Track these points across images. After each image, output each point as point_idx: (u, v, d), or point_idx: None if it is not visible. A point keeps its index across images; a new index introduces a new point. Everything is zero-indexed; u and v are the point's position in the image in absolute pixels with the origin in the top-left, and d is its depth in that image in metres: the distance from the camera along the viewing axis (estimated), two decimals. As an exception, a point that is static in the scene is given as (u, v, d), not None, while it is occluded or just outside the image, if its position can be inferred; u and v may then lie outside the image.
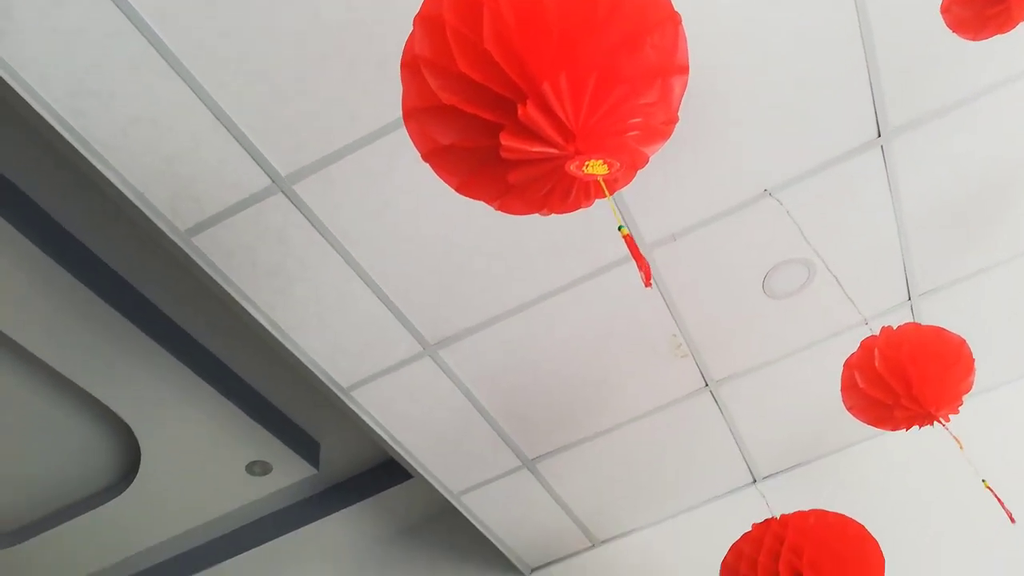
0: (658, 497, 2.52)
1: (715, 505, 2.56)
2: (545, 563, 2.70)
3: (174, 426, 2.50)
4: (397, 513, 2.95)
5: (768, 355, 2.17)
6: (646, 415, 2.26)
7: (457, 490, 2.36)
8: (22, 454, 2.63)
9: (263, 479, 2.75)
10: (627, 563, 2.59)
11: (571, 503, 2.48)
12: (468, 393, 2.10)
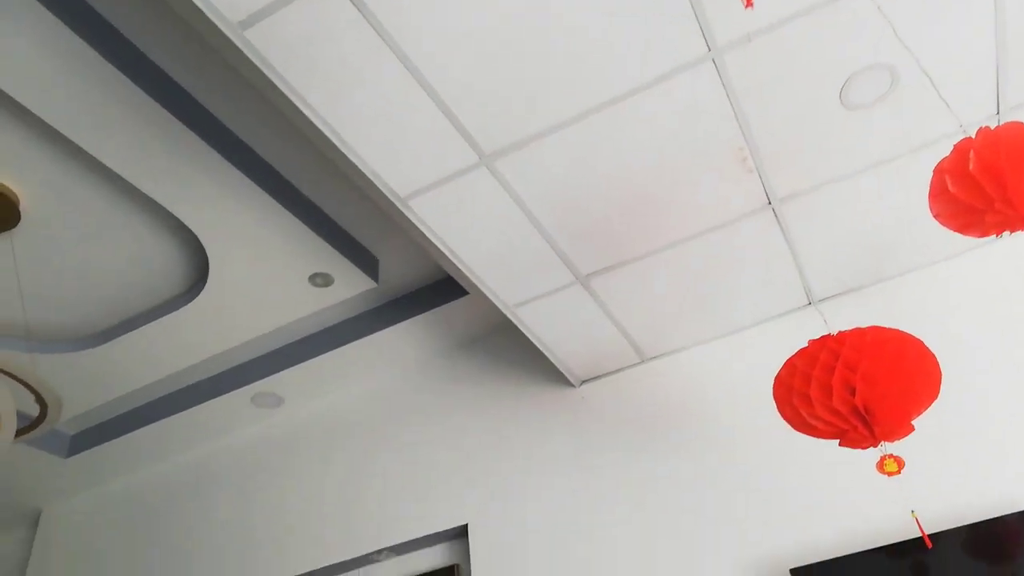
0: (710, 316, 2.55)
1: (768, 326, 2.58)
2: (595, 376, 2.80)
3: (240, 237, 2.58)
4: (454, 327, 3.06)
5: (837, 171, 2.08)
6: (704, 233, 2.23)
7: (512, 303, 2.42)
8: (102, 264, 2.77)
9: (325, 291, 2.86)
10: (675, 380, 2.67)
11: (622, 319, 2.52)
12: (524, 206, 2.09)
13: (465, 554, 2.77)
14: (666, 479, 2.50)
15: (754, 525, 2.30)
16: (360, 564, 2.95)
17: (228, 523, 3.26)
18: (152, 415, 3.38)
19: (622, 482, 2.56)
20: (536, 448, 2.78)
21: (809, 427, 1.79)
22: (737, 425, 2.48)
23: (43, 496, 3.78)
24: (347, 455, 3.16)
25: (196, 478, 3.49)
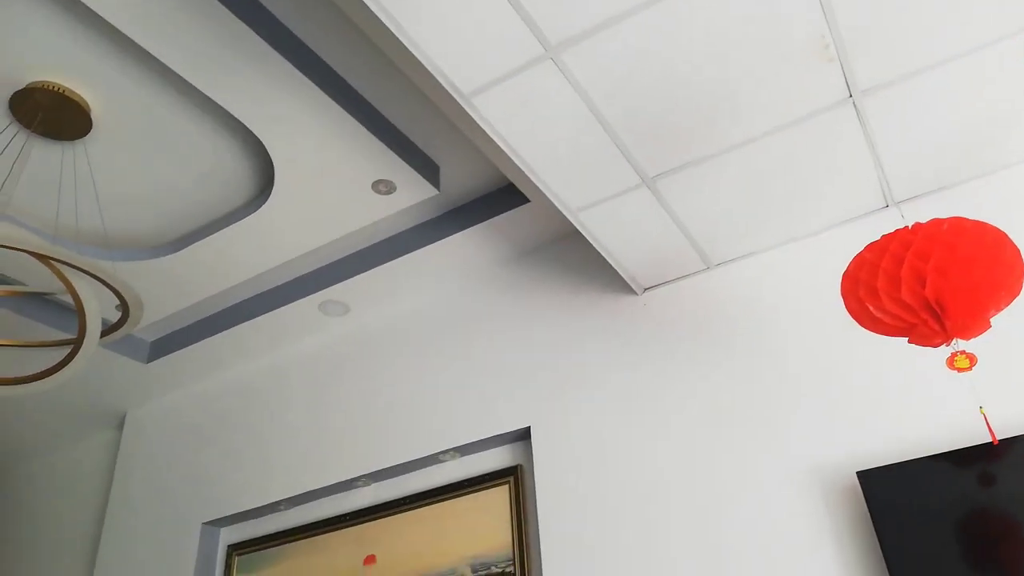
0: (780, 219, 2.47)
1: (843, 229, 2.48)
2: (658, 283, 2.77)
3: (305, 143, 2.60)
4: (515, 235, 3.05)
5: (927, 60, 1.94)
6: (778, 130, 2.13)
7: (575, 207, 2.38)
8: (171, 173, 2.83)
9: (388, 198, 2.87)
10: (741, 286, 2.62)
11: (689, 223, 2.47)
12: (590, 102, 2.02)
13: (528, 455, 2.84)
14: (729, 386, 2.49)
15: (820, 430, 2.28)
16: (426, 464, 3.05)
17: (300, 425, 3.41)
18: (225, 323, 3.51)
19: (684, 389, 2.56)
20: (598, 355, 2.79)
21: (876, 323, 1.74)
22: (804, 332, 2.43)
23: (127, 400, 4.00)
24: (412, 360, 3.24)
25: (268, 383, 3.64)
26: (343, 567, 3.08)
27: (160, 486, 3.72)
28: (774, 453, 2.32)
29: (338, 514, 3.19)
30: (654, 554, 2.37)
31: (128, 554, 3.61)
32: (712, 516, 2.33)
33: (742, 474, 2.35)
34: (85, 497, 4.15)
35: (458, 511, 2.91)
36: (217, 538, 3.49)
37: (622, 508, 2.49)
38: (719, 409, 2.47)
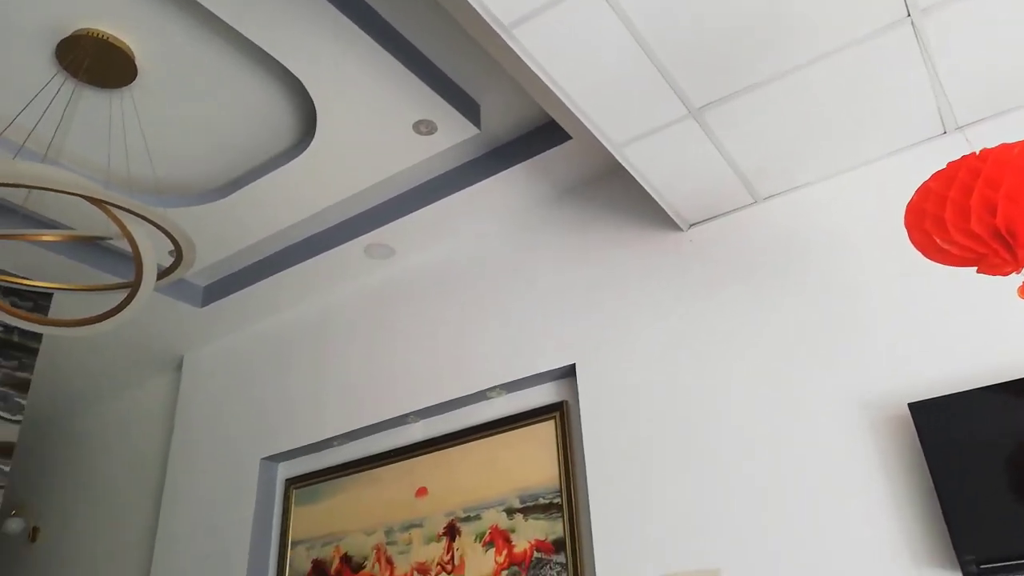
0: (832, 148, 2.39)
1: (897, 158, 2.40)
2: (704, 219, 2.73)
3: (345, 85, 2.59)
4: (558, 174, 3.02)
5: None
6: (830, 54, 2.04)
7: (618, 141, 2.34)
8: (215, 119, 2.85)
9: (429, 139, 2.86)
10: (790, 219, 2.56)
11: (737, 156, 2.41)
12: (634, 29, 1.96)
13: (573, 392, 2.87)
14: (777, 320, 2.46)
15: (871, 362, 2.25)
16: (474, 400, 3.11)
17: (351, 365, 3.49)
18: (273, 267, 3.58)
19: (731, 325, 2.54)
20: (642, 292, 2.77)
21: (943, 254, 1.69)
22: (855, 264, 2.38)
23: (183, 343, 4.14)
24: (458, 301, 3.27)
25: (319, 325, 3.72)
26: (396, 499, 3.18)
27: (220, 425, 3.87)
28: (824, 385, 2.31)
29: (390, 449, 3.29)
30: (700, 486, 2.39)
31: (192, 490, 3.79)
32: (760, 450, 2.34)
33: (791, 407, 2.34)
34: (149, 438, 4.35)
35: (505, 445, 2.98)
36: (275, 473, 3.63)
37: (668, 442, 2.51)
38: (767, 343, 2.45)
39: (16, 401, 3.37)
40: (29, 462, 4.91)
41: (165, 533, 3.78)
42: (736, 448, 2.38)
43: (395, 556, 3.08)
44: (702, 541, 2.33)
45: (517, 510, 2.84)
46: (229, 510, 3.56)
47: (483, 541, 2.88)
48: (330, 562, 3.25)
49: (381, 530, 3.17)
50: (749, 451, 2.36)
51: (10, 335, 3.44)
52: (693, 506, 2.39)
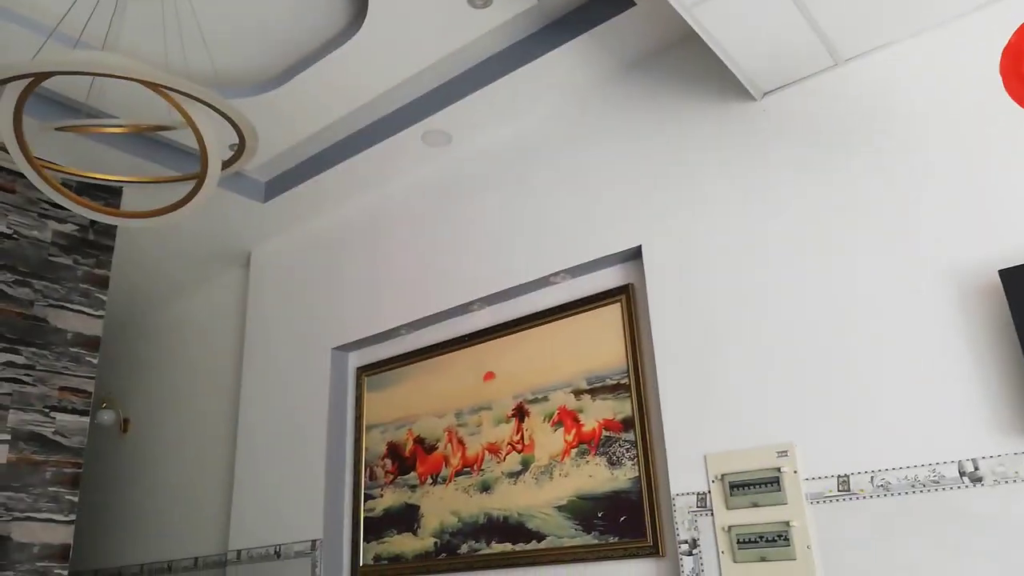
0: (923, 1, 2.20)
1: (995, 8, 2.19)
2: (779, 86, 2.57)
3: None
4: (621, 46, 2.87)
5: None
6: None
7: (689, 1, 2.18)
8: (267, 5, 2.77)
9: (484, 12, 2.74)
10: (873, 83, 2.39)
11: (816, 12, 2.23)
12: None
13: (639, 274, 2.83)
14: (858, 188, 2.34)
15: (958, 228, 2.13)
16: (538, 287, 3.10)
17: (415, 254, 3.51)
18: (332, 159, 3.56)
19: (809, 195, 2.43)
20: (712, 167, 2.67)
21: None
22: (942, 127, 2.22)
23: (249, 239, 4.22)
24: (519, 185, 3.21)
25: (382, 215, 3.73)
26: (463, 383, 3.25)
27: (290, 318, 3.98)
28: (908, 254, 2.21)
29: (456, 336, 3.33)
30: (772, 362, 2.36)
31: (269, 381, 3.95)
32: (837, 323, 2.28)
33: (871, 278, 2.25)
34: (225, 333, 4.51)
35: (571, 329, 2.98)
36: (347, 362, 3.74)
37: (738, 319, 2.47)
38: (847, 213, 2.34)
39: (97, 297, 3.51)
40: (115, 357, 5.19)
41: (246, 422, 3.97)
42: (810, 322, 2.32)
43: (466, 437, 3.18)
44: (773, 416, 2.32)
45: (584, 391, 2.87)
46: (305, 399, 3.70)
47: (551, 421, 2.93)
48: (404, 444, 3.38)
49: (451, 413, 3.26)
50: (825, 325, 2.30)
51: (86, 234, 3.55)
52: (764, 382, 2.36)
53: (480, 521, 3.01)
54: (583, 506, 2.75)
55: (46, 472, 3.15)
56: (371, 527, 3.36)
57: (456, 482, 3.14)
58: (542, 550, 2.79)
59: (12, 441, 3.09)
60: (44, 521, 3.10)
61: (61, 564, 3.11)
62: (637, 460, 2.65)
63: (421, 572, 3.12)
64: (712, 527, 2.33)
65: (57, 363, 3.29)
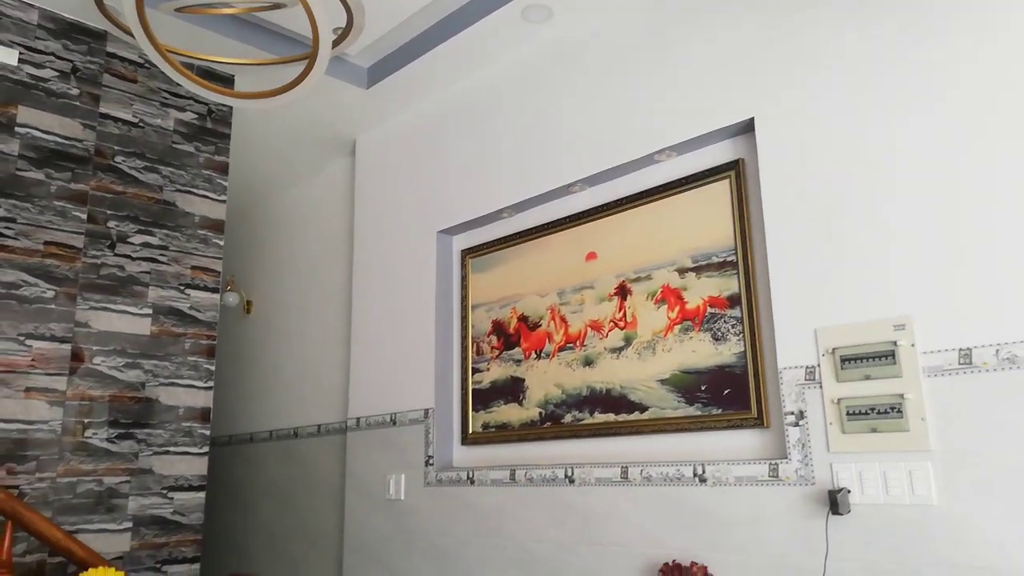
0: None
1: None
2: (916, -67, 2.34)
3: None
4: None
5: None
6: None
7: None
8: None
9: None
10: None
11: None
12: None
13: (750, 148, 2.73)
14: (988, 56, 2.14)
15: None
16: (642, 165, 3.05)
17: (516, 136, 3.50)
18: (431, 42, 3.54)
19: (930, 65, 2.24)
20: (832, 30, 2.49)
21: None
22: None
23: (354, 127, 4.30)
24: (621, 59, 3.11)
25: (483, 97, 3.71)
26: (566, 263, 3.30)
27: (396, 203, 4.09)
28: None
29: (559, 217, 3.35)
30: (889, 237, 2.27)
31: (378, 265, 4.12)
32: (960, 195, 2.15)
33: (999, 146, 2.10)
34: (336, 219, 4.70)
35: (676, 208, 2.94)
36: (451, 244, 3.85)
37: (854, 192, 2.36)
38: (973, 81, 2.16)
39: (219, 183, 3.71)
40: (237, 244, 5.52)
41: (360, 302, 4.18)
42: (929, 195, 2.20)
43: (568, 315, 3.25)
44: (891, 290, 2.25)
45: (689, 269, 2.86)
46: (413, 280, 3.85)
47: (655, 300, 2.95)
48: (508, 322, 3.49)
49: (554, 292, 3.32)
50: (947, 197, 2.17)
51: (204, 122, 3.71)
52: (882, 255, 2.28)
53: (583, 393, 3.12)
54: (686, 379, 2.79)
55: (185, 343, 3.45)
56: (479, 398, 3.54)
57: (559, 357, 3.24)
58: (645, 420, 2.88)
59: (153, 315, 3.38)
60: (186, 387, 3.43)
61: (203, 424, 3.45)
62: (743, 336, 2.65)
63: (527, 439, 3.29)
64: (820, 399, 2.33)
65: (188, 244, 3.53)
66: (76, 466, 3.07)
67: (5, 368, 2.93)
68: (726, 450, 2.64)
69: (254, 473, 4.93)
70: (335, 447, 4.27)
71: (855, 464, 2.23)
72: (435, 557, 3.43)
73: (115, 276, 3.29)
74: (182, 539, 3.31)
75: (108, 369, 3.21)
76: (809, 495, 2.32)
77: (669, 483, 2.68)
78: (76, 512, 3.03)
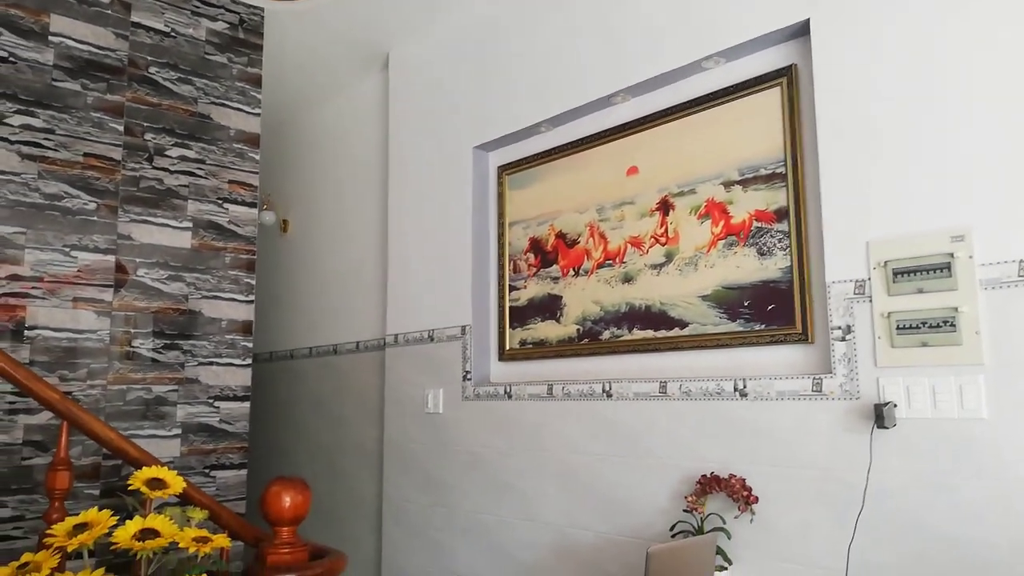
0: None
1: None
2: None
3: None
4: None
5: None
6: None
7: None
8: None
9: None
10: None
11: None
12: None
13: (804, 53, 2.60)
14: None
15: None
16: (688, 73, 2.93)
17: (554, 48, 3.38)
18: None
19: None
20: (903, -80, 2.32)
21: None
22: None
23: (388, 38, 4.19)
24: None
25: (516, 11, 3.57)
26: (606, 179, 3.22)
27: (430, 119, 4.01)
28: None
29: (599, 131, 3.26)
30: (957, 145, 2.16)
31: (413, 182, 4.07)
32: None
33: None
34: (370, 136, 4.64)
35: (724, 118, 2.83)
36: (488, 160, 3.78)
37: (916, 98, 2.24)
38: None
39: (253, 95, 3.66)
40: (271, 161, 5.50)
41: (395, 220, 4.16)
42: (995, 105, 2.07)
43: (608, 231, 3.19)
44: (948, 200, 2.15)
45: (735, 182, 2.77)
46: (449, 197, 3.81)
47: (698, 214, 2.88)
48: (546, 239, 3.45)
49: (593, 208, 3.26)
50: (1013, 106, 2.04)
51: (236, 32, 3.64)
52: (939, 167, 2.17)
53: (622, 310, 3.09)
54: (729, 295, 2.75)
55: (225, 257, 3.48)
56: (516, 315, 3.54)
57: (598, 274, 3.21)
58: (684, 336, 2.85)
59: (193, 228, 3.41)
60: (228, 300, 3.47)
61: (246, 337, 3.51)
62: (789, 250, 2.58)
63: (564, 355, 3.29)
64: (869, 313, 2.28)
65: (224, 158, 3.52)
66: (125, 374, 3.16)
67: (53, 279, 2.99)
68: (768, 366, 2.61)
69: (295, 388, 5.05)
70: (374, 363, 4.33)
71: (903, 378, 2.19)
72: (474, 467, 3.51)
73: (154, 189, 3.30)
74: (229, 446, 3.41)
75: (152, 281, 3.26)
76: (853, 409, 2.30)
77: (709, 398, 2.68)
78: (127, 418, 3.13)
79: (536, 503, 3.21)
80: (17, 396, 2.84)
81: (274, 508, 2.11)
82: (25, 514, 2.84)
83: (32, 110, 3.01)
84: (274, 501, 2.11)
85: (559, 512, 3.12)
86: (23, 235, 2.95)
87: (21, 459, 2.86)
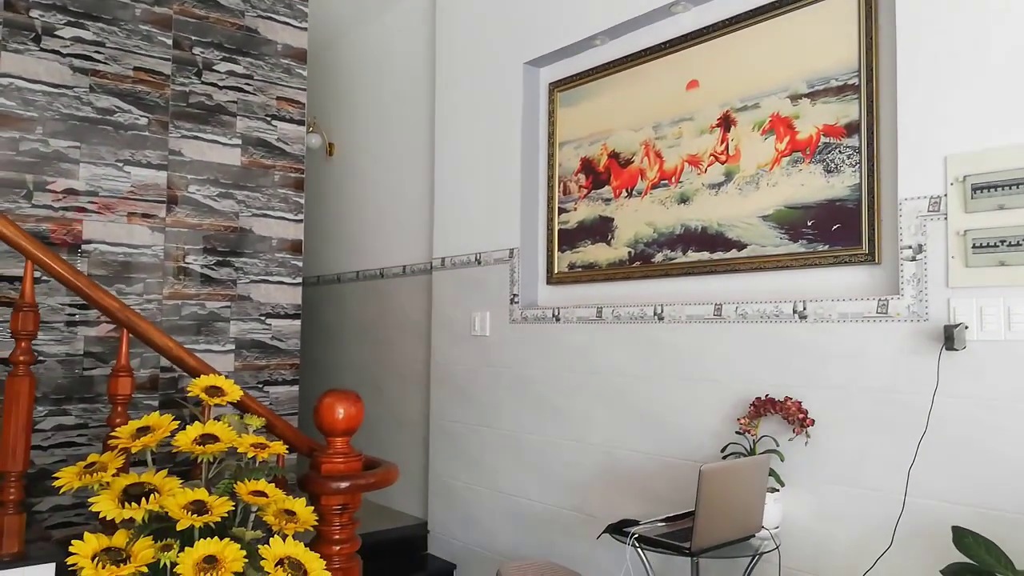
0: None
1: None
2: None
3: None
4: None
5: None
6: None
7: None
8: None
9: None
10: None
11: None
12: None
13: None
14: None
15: None
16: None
17: (611, -48, 3.21)
18: None
19: None
20: None
21: None
22: None
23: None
24: None
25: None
26: (663, 94, 3.09)
27: (479, 33, 3.88)
28: None
29: (657, 42, 3.11)
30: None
31: (461, 101, 3.97)
32: None
33: None
34: (417, 54, 4.52)
35: (793, 26, 2.67)
36: (538, 77, 3.66)
37: (1004, 11, 2.07)
38: None
39: (300, 8, 3.58)
40: (317, 84, 5.43)
41: (442, 142, 4.08)
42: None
43: (664, 150, 3.08)
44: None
45: (803, 95, 2.63)
46: (497, 117, 3.71)
47: (762, 130, 2.75)
48: (598, 159, 3.35)
49: (648, 126, 3.15)
50: None
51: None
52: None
53: (676, 232, 3.01)
54: (791, 215, 2.64)
55: (274, 175, 3.47)
56: (565, 238, 3.48)
57: (652, 195, 3.11)
58: (742, 258, 2.77)
59: (243, 146, 3.39)
60: (278, 218, 3.48)
61: (296, 256, 3.53)
62: (859, 166, 2.45)
63: (614, 279, 3.23)
64: (944, 231, 2.16)
65: (271, 74, 3.47)
66: (180, 290, 3.20)
67: (108, 193, 3.01)
68: (830, 288, 2.52)
69: (343, 311, 5.11)
70: (420, 286, 4.33)
71: (976, 299, 2.09)
72: (521, 389, 3.52)
73: (204, 104, 3.28)
74: (281, 362, 3.47)
75: (203, 198, 3.27)
76: (920, 331, 2.21)
77: (766, 320, 2.60)
78: (182, 333, 3.19)
79: (583, 424, 3.22)
80: (77, 308, 2.90)
81: (328, 419, 2.13)
82: (88, 422, 2.94)
83: (82, 22, 2.98)
84: (328, 412, 2.13)
85: (606, 433, 3.12)
86: (77, 149, 2.96)
87: (83, 369, 2.95)
